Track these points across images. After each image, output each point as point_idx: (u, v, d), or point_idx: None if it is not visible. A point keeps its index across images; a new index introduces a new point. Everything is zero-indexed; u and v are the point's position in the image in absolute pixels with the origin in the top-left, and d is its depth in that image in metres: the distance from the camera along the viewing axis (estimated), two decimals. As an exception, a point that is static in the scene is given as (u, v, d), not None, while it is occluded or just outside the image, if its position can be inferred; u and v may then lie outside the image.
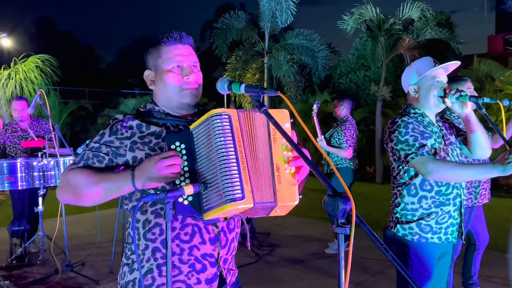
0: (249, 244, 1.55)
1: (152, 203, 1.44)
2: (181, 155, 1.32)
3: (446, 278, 2.28)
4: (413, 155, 2.06)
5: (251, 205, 1.22)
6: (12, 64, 9.98)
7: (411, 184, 2.17)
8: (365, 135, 12.58)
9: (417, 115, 2.21)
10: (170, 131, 1.47)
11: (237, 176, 1.22)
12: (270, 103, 13.64)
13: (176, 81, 1.49)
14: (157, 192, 1.21)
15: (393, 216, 2.25)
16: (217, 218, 1.32)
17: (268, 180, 1.28)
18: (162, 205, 1.41)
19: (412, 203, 2.17)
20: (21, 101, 4.86)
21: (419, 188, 2.16)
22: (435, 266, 2.17)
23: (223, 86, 1.30)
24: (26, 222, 4.70)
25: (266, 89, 1.22)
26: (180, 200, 1.30)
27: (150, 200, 1.22)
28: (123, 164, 1.46)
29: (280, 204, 1.27)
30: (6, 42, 15.81)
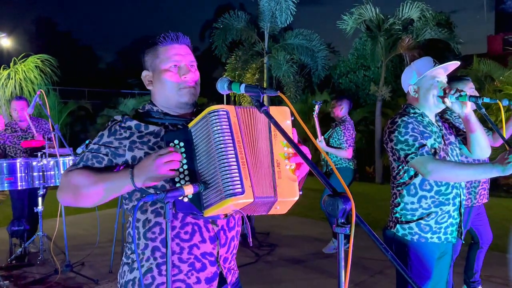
0: (251, 240, 1.54)
1: (152, 202, 1.43)
2: (180, 153, 1.32)
3: (446, 278, 2.28)
4: (413, 155, 2.07)
5: (251, 200, 1.22)
6: (11, 64, 9.97)
7: (410, 184, 2.17)
8: (365, 135, 12.58)
9: (416, 115, 2.21)
10: (169, 130, 1.47)
11: (236, 172, 1.22)
12: (270, 103, 13.63)
13: (174, 80, 1.49)
14: (157, 192, 1.21)
15: (393, 216, 2.25)
16: (218, 215, 1.32)
17: (268, 176, 1.28)
18: (163, 204, 1.41)
19: (411, 203, 2.17)
20: (20, 101, 4.86)
21: (419, 188, 2.16)
22: (434, 266, 2.18)
23: (223, 86, 1.30)
24: (25, 222, 4.70)
25: (266, 89, 1.22)
26: (180, 198, 1.29)
27: (150, 199, 1.22)
28: (122, 164, 1.46)
29: (280, 199, 1.27)
30: (5, 42, 15.82)
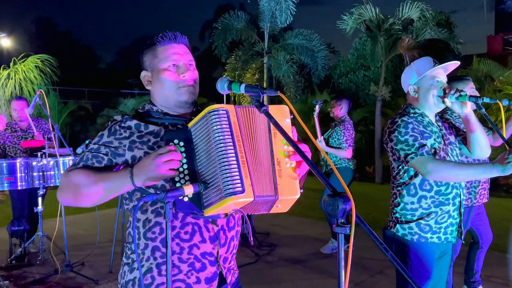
0: (252, 239, 1.54)
1: (152, 202, 1.44)
2: (180, 152, 1.32)
3: (446, 278, 2.28)
4: (412, 155, 2.07)
5: (251, 199, 1.22)
6: (11, 64, 9.97)
7: (410, 184, 2.18)
8: (365, 135, 12.58)
9: (416, 115, 2.21)
10: (169, 129, 1.48)
11: (236, 171, 1.22)
12: (270, 103, 13.61)
13: (173, 79, 1.50)
14: (157, 192, 1.21)
15: (393, 216, 2.25)
16: (218, 214, 1.32)
17: (269, 174, 1.28)
18: (163, 204, 1.41)
19: (411, 203, 2.17)
20: (20, 101, 4.86)
21: (419, 188, 2.16)
22: (434, 265, 2.18)
23: (223, 86, 1.30)
24: (25, 222, 4.70)
25: (266, 89, 1.23)
26: (180, 197, 1.29)
27: (150, 199, 1.22)
28: (122, 164, 1.46)
29: (281, 198, 1.27)
30: (5, 42, 15.81)
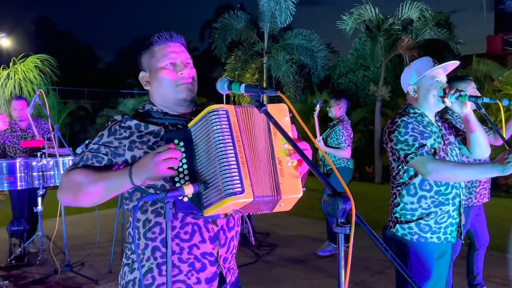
0: (252, 239, 1.54)
1: (152, 202, 1.44)
2: (180, 151, 1.32)
3: (445, 278, 2.28)
4: (412, 155, 2.07)
5: (251, 199, 1.22)
6: (11, 64, 9.96)
7: (410, 184, 2.18)
8: (364, 135, 12.58)
9: (416, 115, 2.21)
10: (169, 129, 1.48)
11: (236, 171, 1.22)
12: (270, 103, 13.61)
13: (171, 77, 1.50)
14: (157, 192, 1.21)
15: (393, 216, 2.25)
16: (218, 214, 1.32)
17: (269, 174, 1.28)
18: (163, 204, 1.41)
19: (411, 203, 2.18)
20: (20, 101, 4.86)
21: (419, 188, 2.16)
22: (434, 265, 2.18)
23: (223, 86, 1.30)
24: (25, 222, 4.70)
25: (266, 89, 1.23)
26: (180, 197, 1.29)
27: (150, 199, 1.22)
28: (122, 163, 1.46)
29: (284, 197, 1.27)
30: (5, 42, 15.82)
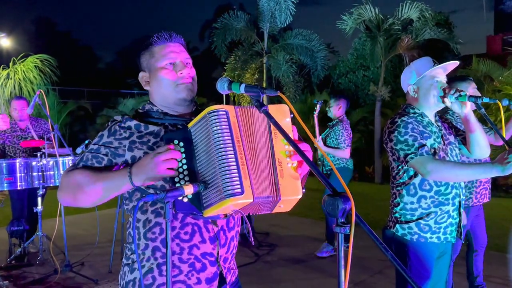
0: (252, 239, 1.54)
1: (152, 202, 1.44)
2: (179, 152, 1.32)
3: (445, 278, 2.28)
4: (412, 155, 2.07)
5: (251, 200, 1.22)
6: (11, 64, 9.96)
7: (410, 184, 2.18)
8: (364, 135, 12.58)
9: (416, 115, 2.21)
10: (168, 130, 1.48)
11: (235, 172, 1.22)
12: (269, 103, 13.62)
13: (170, 77, 1.50)
14: (157, 192, 1.21)
15: (392, 216, 2.25)
16: (217, 215, 1.32)
17: (269, 175, 1.28)
18: (162, 204, 1.41)
19: (411, 202, 2.18)
20: (21, 101, 4.86)
21: (418, 188, 2.16)
22: (434, 265, 2.18)
23: (223, 86, 1.30)
24: (25, 222, 4.70)
25: (266, 89, 1.23)
26: (180, 198, 1.29)
27: (150, 199, 1.22)
28: (122, 164, 1.46)
29: (284, 198, 1.27)
30: (5, 42, 15.82)
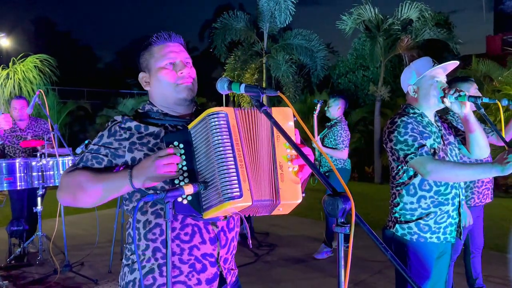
0: (250, 242, 1.55)
1: (152, 203, 1.44)
2: (179, 154, 1.32)
3: (445, 278, 2.28)
4: (412, 155, 2.07)
5: (250, 203, 1.23)
6: (10, 64, 9.96)
7: (410, 184, 2.18)
8: (364, 135, 12.59)
9: (416, 115, 2.21)
10: (169, 131, 1.48)
11: (234, 175, 1.22)
12: (269, 103, 13.64)
13: (170, 77, 1.50)
14: (157, 192, 1.21)
15: (392, 216, 2.25)
16: (217, 217, 1.32)
17: (269, 178, 1.28)
18: (162, 205, 1.41)
19: (411, 203, 2.18)
20: (20, 100, 4.87)
21: (418, 188, 2.16)
22: (433, 265, 2.18)
23: (223, 86, 1.30)
24: (24, 222, 4.69)
25: (266, 89, 1.23)
26: (180, 200, 1.30)
27: (150, 199, 1.22)
28: (122, 165, 1.46)
29: (283, 202, 1.27)
30: (4, 42, 15.83)
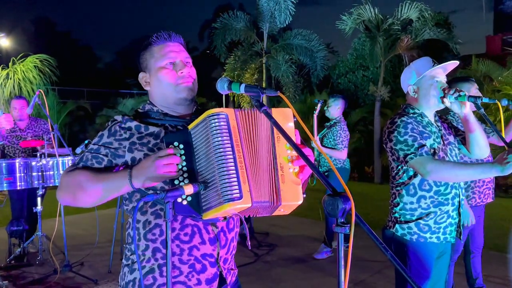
0: (249, 243, 1.54)
1: (152, 204, 1.44)
2: (179, 154, 1.32)
3: (445, 278, 2.29)
4: (412, 155, 2.07)
5: (249, 205, 1.23)
6: (10, 64, 9.96)
7: (410, 184, 2.18)
8: (364, 135, 12.59)
9: (416, 115, 2.21)
10: (169, 131, 1.47)
11: (234, 176, 1.22)
12: (269, 103, 13.65)
13: (171, 77, 1.49)
14: (157, 192, 1.21)
15: (392, 216, 2.25)
16: (217, 217, 1.32)
17: (270, 180, 1.27)
18: (162, 205, 1.41)
19: (411, 203, 2.18)
20: (20, 100, 4.87)
21: (418, 188, 2.16)
22: (433, 265, 2.18)
23: (223, 86, 1.30)
24: (24, 222, 4.69)
25: (266, 89, 1.23)
26: (179, 201, 1.30)
27: (150, 199, 1.22)
28: (122, 165, 1.46)
29: (284, 204, 1.27)
30: (4, 42, 15.83)
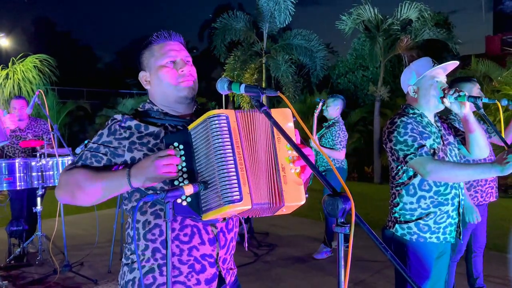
0: (247, 245, 1.54)
1: (152, 204, 1.43)
2: (179, 155, 1.32)
3: (445, 278, 2.29)
4: (412, 155, 2.07)
5: (249, 207, 1.23)
6: (10, 64, 9.96)
7: (409, 184, 2.18)
8: (363, 135, 12.59)
9: (416, 115, 2.21)
10: (169, 131, 1.47)
11: (235, 178, 1.22)
12: (269, 103, 13.65)
13: (171, 75, 1.49)
14: (157, 192, 1.21)
15: (392, 216, 2.26)
16: (216, 218, 1.32)
17: (271, 181, 1.27)
18: (162, 205, 1.41)
19: (410, 203, 2.18)
20: (20, 100, 4.86)
21: (418, 188, 2.17)
22: (433, 265, 2.18)
23: (223, 86, 1.30)
24: (24, 222, 4.69)
25: (266, 89, 1.23)
26: (179, 201, 1.30)
27: (150, 199, 1.21)
28: (121, 164, 1.46)
29: (287, 204, 1.27)
30: (4, 41, 15.83)
